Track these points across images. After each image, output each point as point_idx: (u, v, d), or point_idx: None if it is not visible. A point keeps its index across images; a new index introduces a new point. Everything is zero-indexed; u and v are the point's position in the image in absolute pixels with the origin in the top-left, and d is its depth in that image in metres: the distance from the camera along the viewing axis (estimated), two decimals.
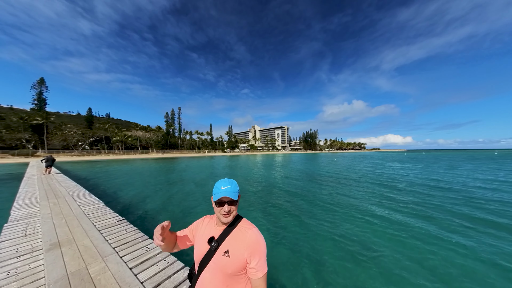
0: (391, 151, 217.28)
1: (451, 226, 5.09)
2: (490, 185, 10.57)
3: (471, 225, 5.14)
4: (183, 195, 8.71)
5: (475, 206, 6.72)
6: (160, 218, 5.69)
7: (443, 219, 5.52)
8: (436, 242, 4.23)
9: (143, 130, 65.52)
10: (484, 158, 39.91)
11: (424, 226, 5.04)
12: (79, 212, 4.11)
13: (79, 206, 4.58)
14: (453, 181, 11.97)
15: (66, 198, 5.38)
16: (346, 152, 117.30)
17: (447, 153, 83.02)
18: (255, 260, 0.90)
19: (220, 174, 16.23)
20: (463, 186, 10.22)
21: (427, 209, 6.41)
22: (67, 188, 6.80)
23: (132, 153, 54.52)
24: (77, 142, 49.38)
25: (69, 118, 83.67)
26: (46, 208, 4.44)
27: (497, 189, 9.42)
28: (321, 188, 10.21)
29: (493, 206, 6.68)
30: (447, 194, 8.58)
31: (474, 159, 36.77)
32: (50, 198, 5.32)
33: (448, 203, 7.15)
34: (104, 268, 2.15)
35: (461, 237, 4.48)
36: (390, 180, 12.62)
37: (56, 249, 2.57)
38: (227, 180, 0.99)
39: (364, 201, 7.57)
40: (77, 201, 4.98)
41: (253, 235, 0.94)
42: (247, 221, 1.02)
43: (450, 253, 3.81)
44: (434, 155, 57.53)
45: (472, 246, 4.03)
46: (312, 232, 4.73)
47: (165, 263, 2.22)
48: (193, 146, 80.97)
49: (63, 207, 4.53)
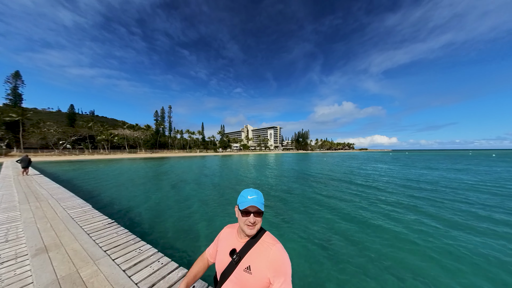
0: (378, 151, 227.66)
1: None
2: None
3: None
4: (174, 196, 8.59)
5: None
6: (152, 220, 5.60)
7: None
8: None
9: (131, 128, 62.99)
10: (459, 156, 43.28)
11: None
12: (65, 216, 3.96)
13: (64, 209, 4.40)
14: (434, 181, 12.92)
15: (49, 201, 5.13)
16: (336, 152, 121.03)
17: (428, 154, 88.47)
18: (279, 282, 0.83)
19: (212, 174, 16.12)
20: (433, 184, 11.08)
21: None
22: (49, 190, 6.46)
23: (119, 153, 52.27)
24: (57, 140, 46.34)
25: (48, 115, 78.24)
26: (27, 212, 4.23)
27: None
28: (311, 187, 10.56)
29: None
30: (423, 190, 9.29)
31: (451, 158, 39.73)
32: (31, 202, 5.05)
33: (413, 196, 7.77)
34: (96, 271, 2.15)
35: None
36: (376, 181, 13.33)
37: (43, 253, 2.50)
38: (253, 190, 0.96)
39: (341, 200, 7.97)
40: (61, 204, 4.78)
41: (278, 252, 0.87)
42: (271, 235, 0.97)
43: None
44: (418, 155, 61.28)
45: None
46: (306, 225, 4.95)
47: (159, 264, 2.27)
48: (184, 145, 79.26)
49: (47, 210, 4.33)
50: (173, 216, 5.97)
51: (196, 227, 5.14)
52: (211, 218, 5.79)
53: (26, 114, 41.69)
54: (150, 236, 4.55)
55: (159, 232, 4.82)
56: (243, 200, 0.92)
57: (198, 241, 4.38)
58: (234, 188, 10.35)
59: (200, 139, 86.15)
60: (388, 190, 9.63)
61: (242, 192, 0.97)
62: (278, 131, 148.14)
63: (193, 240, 4.45)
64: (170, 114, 76.82)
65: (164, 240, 4.42)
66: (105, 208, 6.58)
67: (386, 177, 14.44)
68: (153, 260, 2.35)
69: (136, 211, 6.37)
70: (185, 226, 5.18)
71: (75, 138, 50.05)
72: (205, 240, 4.43)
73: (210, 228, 5.12)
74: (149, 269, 2.17)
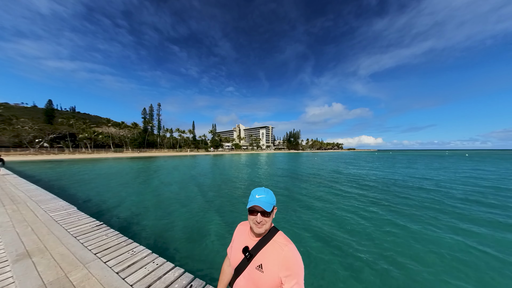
0: (365, 150, 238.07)
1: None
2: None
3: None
4: (163, 196, 8.37)
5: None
6: (143, 221, 5.42)
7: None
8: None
9: (116, 126, 59.89)
10: (436, 156, 46.88)
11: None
12: (47, 219, 3.72)
13: (45, 212, 4.13)
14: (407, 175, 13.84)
15: (28, 203, 4.78)
16: (326, 152, 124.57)
17: (409, 153, 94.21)
18: (290, 282, 0.82)
19: (203, 173, 15.88)
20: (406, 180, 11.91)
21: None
22: (26, 192, 6.00)
23: (103, 152, 49.54)
24: (33, 138, 42.84)
25: (22, 110, 71.95)
26: (3, 215, 3.91)
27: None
28: (302, 185, 10.82)
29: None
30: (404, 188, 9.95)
31: (433, 158, 42.74)
32: (6, 204, 4.67)
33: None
34: (87, 274, 2.07)
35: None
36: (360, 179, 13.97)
37: (25, 259, 2.35)
38: (263, 189, 0.94)
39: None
40: (42, 207, 4.47)
41: (290, 252, 0.87)
42: (284, 235, 0.97)
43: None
44: (400, 155, 65.05)
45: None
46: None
47: (154, 265, 2.23)
48: (174, 144, 76.98)
49: (26, 213, 4.04)
50: (163, 216, 5.83)
51: (187, 227, 5.07)
52: (203, 217, 5.74)
53: None
54: (142, 238, 4.42)
55: (152, 233, 4.69)
56: (251, 198, 0.93)
57: (193, 241, 4.34)
58: (230, 186, 10.30)
59: (191, 138, 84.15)
60: (377, 190, 10.15)
61: (252, 191, 0.96)
62: (270, 131, 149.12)
63: (188, 240, 4.39)
64: (159, 112, 74.04)
65: (158, 241, 4.31)
66: (91, 210, 6.25)
67: (374, 178, 15.17)
68: (148, 261, 2.31)
69: (125, 212, 6.12)
70: (177, 226, 5.09)
71: (53, 136, 46.59)
72: (200, 239, 4.40)
73: (202, 227, 5.07)
74: (144, 270, 2.14)
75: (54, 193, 6.10)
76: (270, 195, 0.94)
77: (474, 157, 46.04)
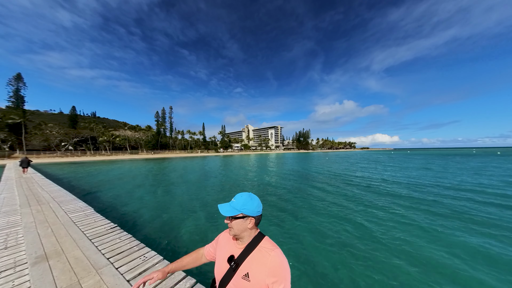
0: (380, 150, 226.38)
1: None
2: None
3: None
4: (177, 198, 8.47)
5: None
6: (155, 225, 5.48)
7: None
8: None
9: (132, 129, 63.24)
10: (465, 155, 42.78)
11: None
12: (66, 220, 3.85)
13: (65, 213, 4.29)
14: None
15: (51, 204, 5.03)
16: (337, 152, 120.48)
17: (431, 152, 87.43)
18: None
19: (213, 175, 15.99)
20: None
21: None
22: (50, 193, 6.37)
23: (121, 154, 52.40)
24: (59, 142, 46.59)
25: (50, 117, 78.81)
26: (28, 216, 4.12)
27: None
28: (315, 188, 10.39)
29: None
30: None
31: (460, 156, 39.25)
32: (32, 205, 4.95)
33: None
34: (99, 281, 2.01)
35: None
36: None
37: (43, 262, 2.38)
38: (239, 194, 0.94)
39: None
40: (63, 208, 4.67)
41: (276, 258, 0.85)
42: (270, 240, 0.95)
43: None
44: (425, 154, 60.60)
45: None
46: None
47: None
48: (185, 146, 79.35)
49: (48, 214, 4.22)
50: (178, 220, 5.85)
51: (201, 232, 5.00)
52: (218, 221, 5.65)
53: (28, 116, 41.92)
54: (154, 242, 4.41)
55: (163, 238, 4.67)
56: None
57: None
58: (238, 189, 10.21)
59: (201, 140, 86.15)
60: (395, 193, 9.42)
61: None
62: (279, 131, 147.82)
63: (198, 247, 4.32)
64: (171, 114, 76.87)
65: (169, 246, 4.27)
66: (107, 211, 6.47)
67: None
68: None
69: (139, 214, 6.24)
70: (190, 231, 5.05)
71: (77, 140, 50.30)
72: None
73: (217, 233, 4.98)
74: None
75: (74, 193, 6.41)
76: (239, 200, 0.92)
77: (510, 156, 41.18)
